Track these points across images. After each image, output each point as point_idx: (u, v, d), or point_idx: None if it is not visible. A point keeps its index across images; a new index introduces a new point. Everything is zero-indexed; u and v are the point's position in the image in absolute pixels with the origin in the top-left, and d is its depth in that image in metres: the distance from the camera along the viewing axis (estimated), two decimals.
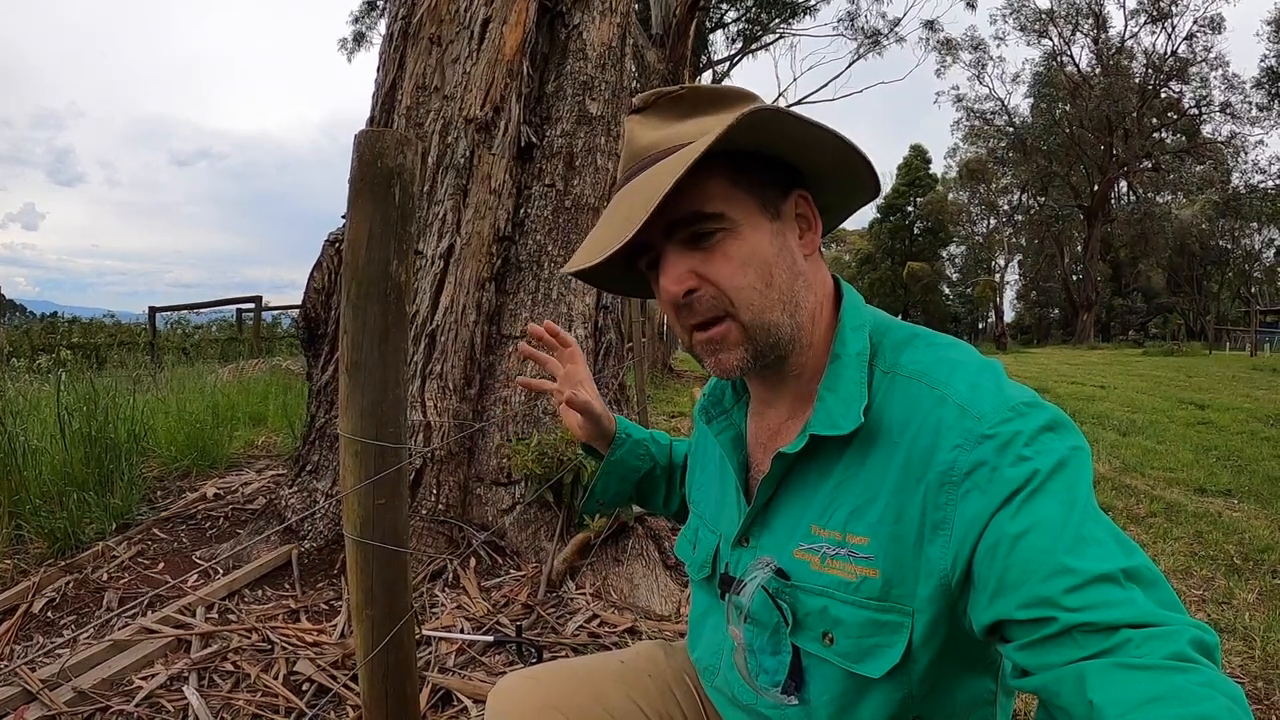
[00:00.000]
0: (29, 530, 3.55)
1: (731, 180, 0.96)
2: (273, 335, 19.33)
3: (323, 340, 3.91)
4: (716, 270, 0.95)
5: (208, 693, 2.43)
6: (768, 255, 0.97)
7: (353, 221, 1.51)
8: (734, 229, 0.95)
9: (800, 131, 0.94)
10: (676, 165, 0.89)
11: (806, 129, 0.94)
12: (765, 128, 0.93)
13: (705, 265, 0.95)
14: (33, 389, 5.79)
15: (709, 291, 0.96)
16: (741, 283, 0.95)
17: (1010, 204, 60.29)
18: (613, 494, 1.48)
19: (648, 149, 0.98)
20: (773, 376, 1.05)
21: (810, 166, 1.03)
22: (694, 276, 0.95)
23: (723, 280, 0.95)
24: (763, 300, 0.96)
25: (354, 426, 1.51)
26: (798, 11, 29.51)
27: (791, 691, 1.00)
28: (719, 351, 0.98)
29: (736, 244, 0.95)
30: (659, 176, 0.91)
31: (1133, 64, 48.72)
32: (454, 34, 3.95)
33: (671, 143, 0.97)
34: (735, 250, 0.95)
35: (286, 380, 8.26)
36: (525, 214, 4.02)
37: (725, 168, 0.95)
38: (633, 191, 0.96)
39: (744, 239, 0.96)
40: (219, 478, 4.76)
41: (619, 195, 0.99)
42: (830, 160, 1.01)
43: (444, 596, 3.13)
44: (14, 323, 21.81)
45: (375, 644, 1.57)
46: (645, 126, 1.00)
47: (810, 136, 0.95)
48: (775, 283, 0.97)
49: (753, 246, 0.96)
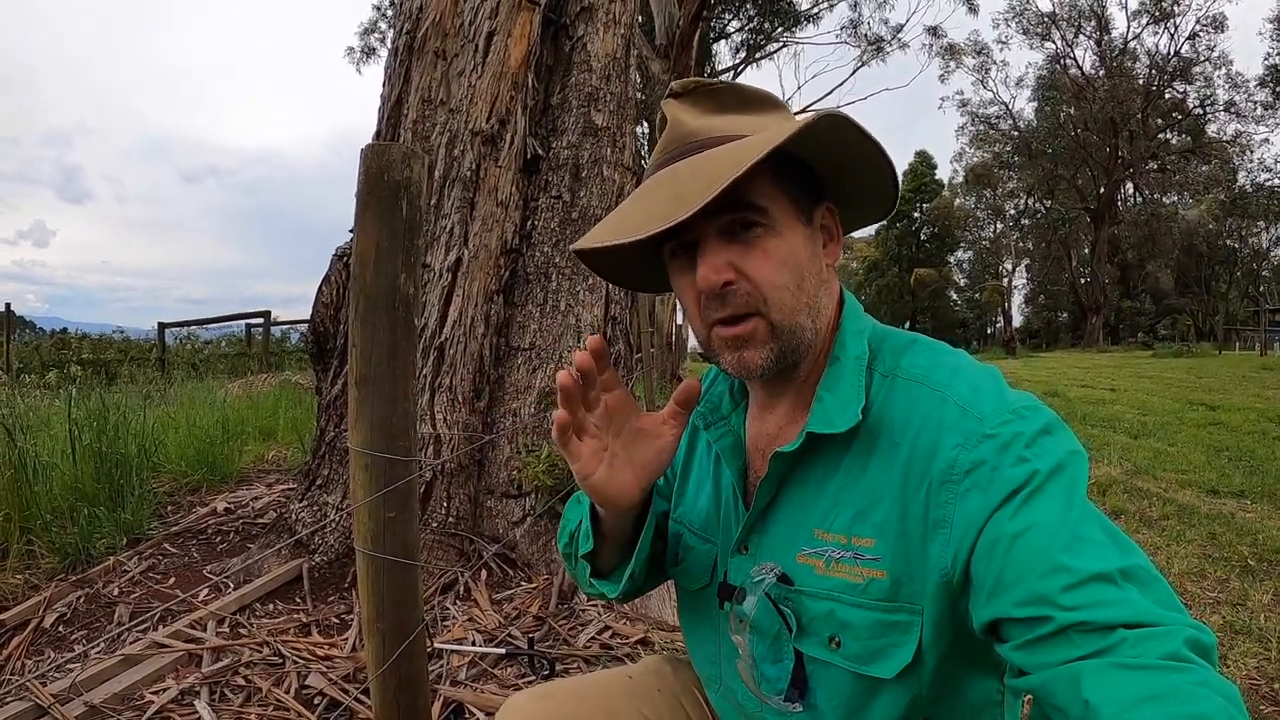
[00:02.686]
0: (40, 545, 3.56)
1: (774, 180, 0.96)
2: (282, 350, 19.37)
3: (331, 354, 3.92)
4: (756, 266, 0.94)
5: (219, 707, 2.43)
6: (802, 258, 0.97)
7: (360, 235, 1.51)
8: (774, 227, 0.95)
9: (854, 144, 0.95)
10: (747, 152, 0.87)
11: (864, 141, 0.94)
12: (824, 135, 0.93)
13: (744, 260, 0.94)
14: (43, 405, 5.81)
15: (745, 287, 0.94)
16: (779, 282, 0.95)
17: (1017, 208, 60.23)
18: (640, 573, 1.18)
19: (694, 134, 0.98)
20: (778, 381, 1.05)
21: (839, 182, 1.04)
22: (732, 269, 0.94)
23: (761, 277, 0.94)
24: (794, 302, 0.96)
25: (364, 440, 1.51)
26: (801, 20, 29.59)
27: (795, 699, 1.00)
28: (744, 349, 0.97)
29: (776, 242, 0.95)
30: (717, 163, 0.90)
31: (1136, 65, 48.63)
32: (459, 47, 3.96)
33: (722, 132, 0.97)
34: (775, 249, 0.95)
35: (296, 394, 8.28)
36: (532, 226, 4.03)
37: (770, 166, 0.94)
38: (681, 174, 0.94)
39: (784, 238, 0.96)
40: (229, 492, 4.77)
41: (662, 174, 0.97)
42: (861, 178, 1.02)
43: (455, 609, 3.13)
44: (24, 339, 21.89)
45: (386, 657, 1.57)
46: (687, 113, 1.00)
47: (862, 150, 0.96)
48: (806, 287, 0.97)
49: (791, 247, 0.96)
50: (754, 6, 28.62)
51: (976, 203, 61.98)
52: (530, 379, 3.86)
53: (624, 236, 0.92)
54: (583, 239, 0.99)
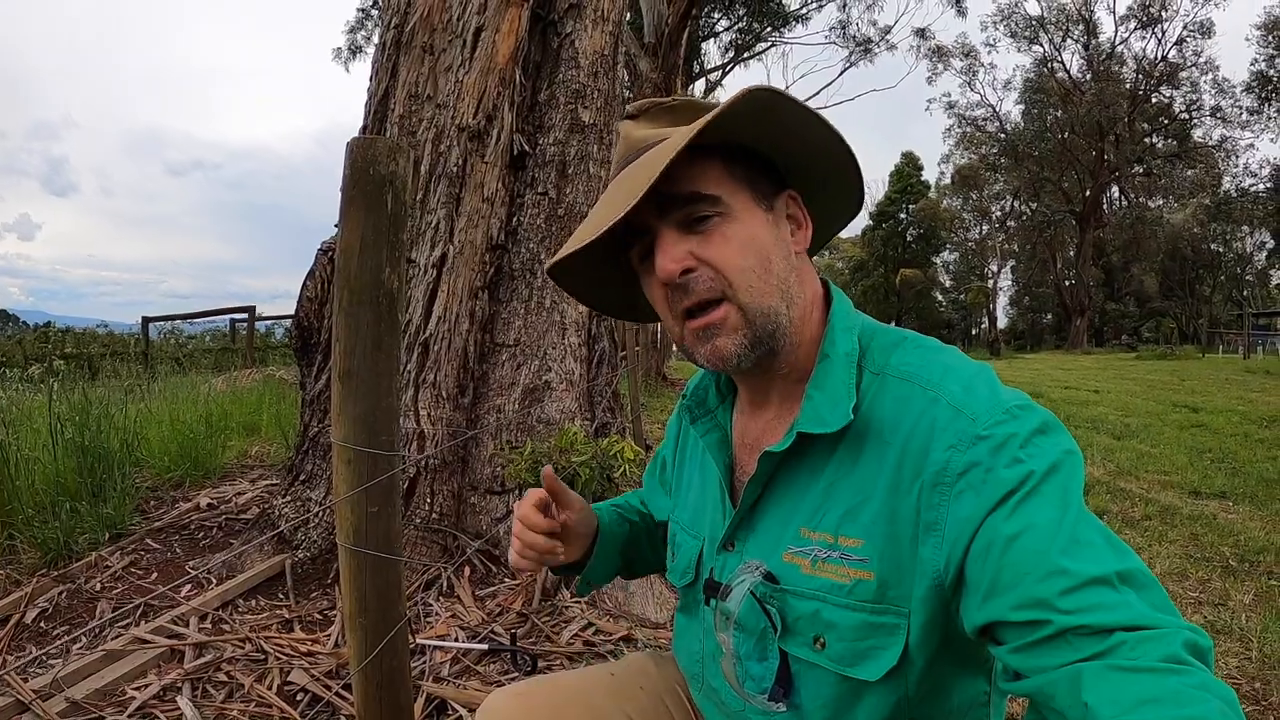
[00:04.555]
0: (21, 540, 3.54)
1: (726, 169, 0.96)
2: (266, 345, 19.29)
3: (316, 349, 3.90)
4: (715, 251, 0.94)
5: (201, 703, 2.42)
6: (765, 241, 0.97)
7: (345, 229, 1.51)
8: (730, 213, 0.95)
9: (795, 118, 0.94)
10: (678, 139, 0.89)
11: (802, 112, 0.93)
12: (762, 116, 0.93)
13: (703, 248, 0.95)
14: (25, 398, 5.77)
15: (707, 273, 0.94)
16: (741, 264, 0.94)
17: (1002, 210, 60.55)
18: (607, 574, 1.36)
19: (642, 140, 0.99)
20: (761, 375, 1.04)
21: (798, 169, 1.04)
22: (691, 257, 0.94)
23: (722, 261, 0.94)
24: (762, 284, 0.96)
25: (347, 434, 1.51)
26: (789, 20, 29.57)
27: (779, 698, 0.99)
28: (715, 337, 0.96)
29: (735, 227, 0.95)
30: (657, 154, 0.91)
31: (1123, 69, 49.02)
32: (447, 42, 3.95)
33: (667, 134, 0.97)
34: (734, 233, 0.95)
35: (280, 390, 8.23)
36: (518, 222, 4.02)
37: (720, 157, 0.95)
38: (629, 174, 0.96)
39: (741, 222, 0.96)
40: (212, 488, 4.74)
41: (615, 181, 1.00)
42: (819, 163, 1.02)
43: (438, 605, 3.12)
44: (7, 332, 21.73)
45: (369, 652, 1.56)
46: (639, 128, 1.01)
47: (803, 124, 0.95)
48: (773, 269, 0.97)
49: (751, 231, 0.96)
50: (743, 6, 28.58)
51: (963, 204, 62.25)
52: (514, 375, 3.86)
53: (583, 241, 0.95)
54: (553, 259, 1.02)
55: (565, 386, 3.97)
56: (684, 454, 1.27)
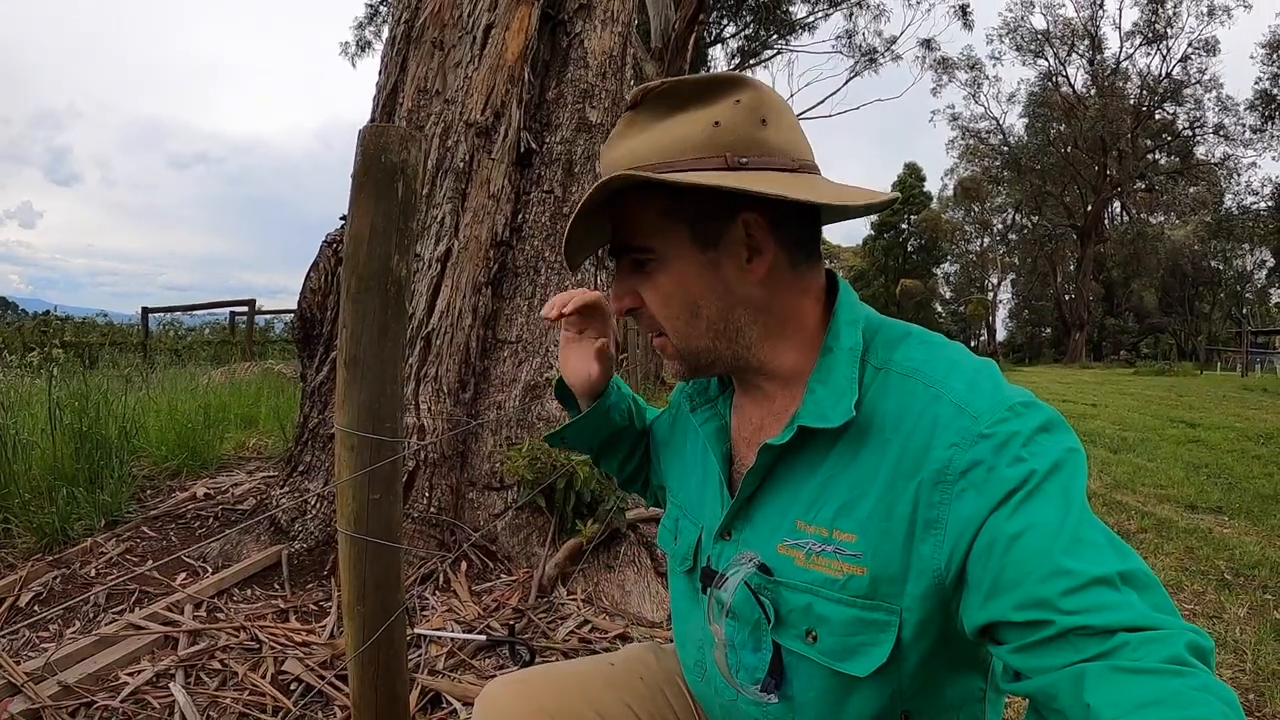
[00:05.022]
0: (17, 524, 3.53)
1: (666, 210, 0.96)
2: (265, 339, 19.26)
3: (318, 341, 3.90)
4: (650, 297, 1.02)
5: (194, 690, 2.42)
6: (693, 289, 0.98)
7: (354, 216, 1.51)
8: (663, 261, 0.98)
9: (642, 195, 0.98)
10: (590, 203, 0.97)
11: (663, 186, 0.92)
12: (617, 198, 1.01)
13: (643, 288, 1.02)
14: (24, 384, 5.76)
15: (647, 311, 1.03)
16: (665, 314, 1.01)
17: (1004, 223, 60.65)
18: (584, 441, 1.40)
19: (609, 167, 0.99)
20: (751, 376, 1.06)
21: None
22: (636, 296, 1.03)
23: (653, 308, 1.02)
24: (688, 329, 1.01)
25: (350, 420, 1.51)
26: (796, 28, 29.66)
27: (771, 690, 0.98)
28: (665, 358, 1.08)
29: (664, 276, 0.99)
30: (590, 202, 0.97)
31: (1127, 85, 49.15)
32: (456, 39, 3.96)
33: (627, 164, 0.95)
34: (663, 283, 1.00)
35: (278, 383, 8.22)
36: (523, 220, 4.02)
37: (662, 196, 0.94)
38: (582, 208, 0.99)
39: (670, 271, 0.99)
40: (209, 478, 4.74)
41: None
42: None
43: (434, 599, 3.12)
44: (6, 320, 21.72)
45: (366, 640, 1.56)
46: (631, 128, 0.98)
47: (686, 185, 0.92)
48: (704, 314, 0.99)
49: (678, 280, 0.99)
50: (750, 13, 28.65)
51: (964, 216, 62.32)
52: (516, 372, 3.86)
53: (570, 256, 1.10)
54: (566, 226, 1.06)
55: None
56: (685, 434, 1.26)
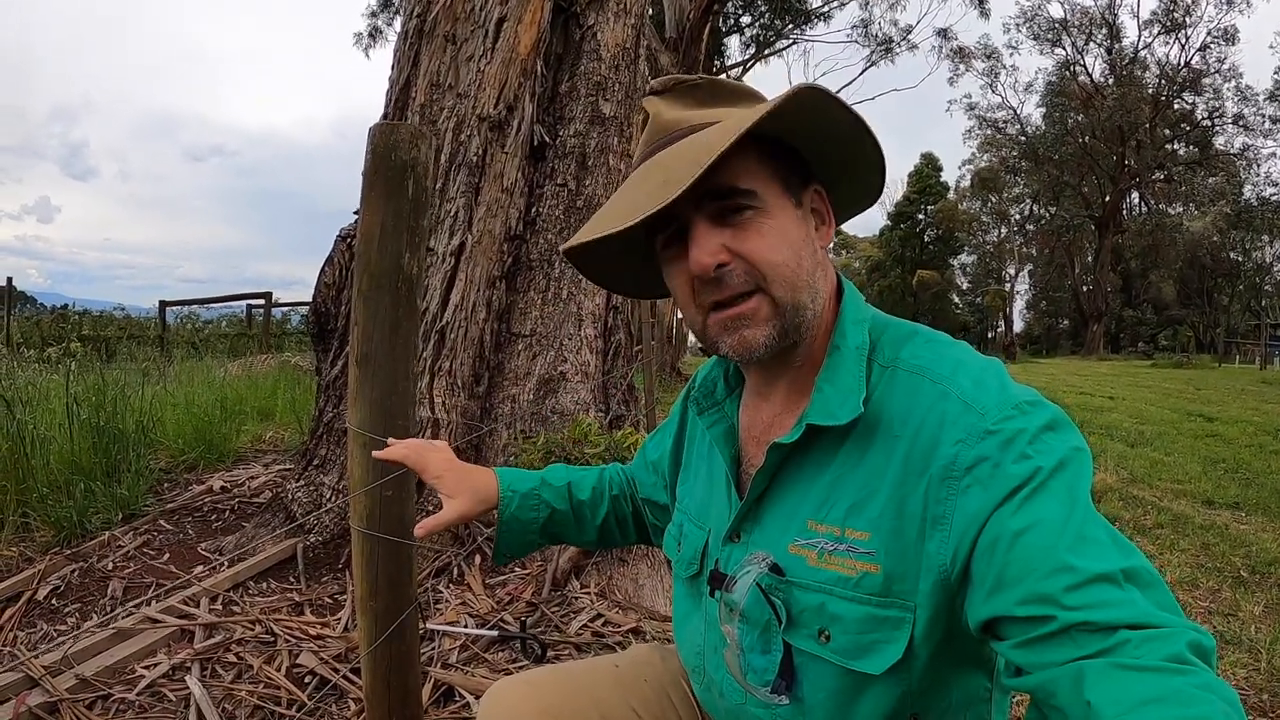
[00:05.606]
0: (36, 518, 3.57)
1: (761, 162, 0.96)
2: (282, 331, 19.35)
3: (333, 335, 3.92)
4: (751, 246, 0.94)
5: (210, 683, 2.44)
6: (796, 237, 0.97)
7: (365, 214, 1.51)
8: (765, 208, 0.95)
9: (839, 120, 0.94)
10: (721, 135, 0.88)
11: (844, 115, 0.93)
12: (810, 116, 0.93)
13: (738, 241, 0.94)
14: (42, 379, 5.81)
15: (741, 266, 0.94)
16: (776, 259, 0.94)
17: (1021, 213, 60.24)
18: (519, 546, 1.41)
19: (674, 124, 0.98)
20: (775, 366, 1.04)
21: (824, 165, 1.03)
22: (726, 251, 0.94)
23: (758, 255, 0.94)
24: (794, 278, 0.96)
25: (363, 419, 1.51)
26: (811, 18, 29.51)
27: (782, 691, 0.99)
28: (745, 328, 0.96)
29: (770, 222, 0.95)
30: (696, 148, 0.90)
31: (1146, 74, 48.67)
32: (469, 32, 3.95)
33: (700, 120, 0.97)
34: (768, 229, 0.94)
35: (295, 376, 8.26)
36: (537, 213, 4.02)
37: (755, 149, 0.94)
38: (663, 162, 0.95)
39: (775, 218, 0.95)
40: (225, 471, 4.77)
41: (646, 166, 0.98)
42: (847, 158, 1.01)
43: (448, 593, 3.13)
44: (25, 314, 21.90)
45: (378, 635, 1.57)
46: (668, 107, 1.00)
47: (843, 129, 0.96)
48: (804, 264, 0.97)
49: (783, 226, 0.96)
50: (765, 2, 28.52)
51: (982, 207, 61.95)
52: (530, 365, 3.87)
53: (614, 226, 0.93)
54: (572, 238, 1.01)
55: (580, 378, 3.98)
56: (691, 443, 1.27)
